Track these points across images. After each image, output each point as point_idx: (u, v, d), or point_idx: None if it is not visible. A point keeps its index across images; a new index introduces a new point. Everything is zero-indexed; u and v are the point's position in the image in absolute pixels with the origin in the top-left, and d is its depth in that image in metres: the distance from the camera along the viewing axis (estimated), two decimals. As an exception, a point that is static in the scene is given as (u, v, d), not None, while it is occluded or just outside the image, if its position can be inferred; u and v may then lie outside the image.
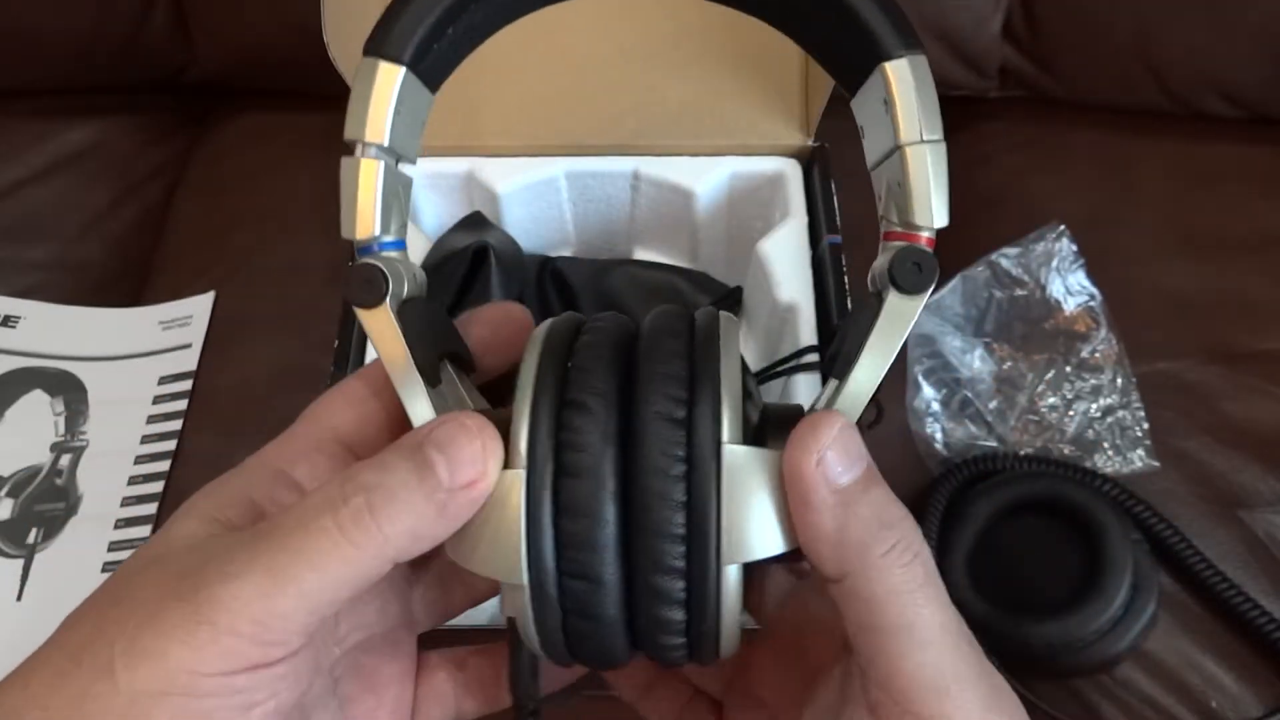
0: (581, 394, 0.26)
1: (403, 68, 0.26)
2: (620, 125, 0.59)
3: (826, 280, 0.55)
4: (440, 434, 0.25)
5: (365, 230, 0.27)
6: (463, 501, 0.25)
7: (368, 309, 0.26)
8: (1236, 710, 0.55)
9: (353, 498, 0.24)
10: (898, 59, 0.26)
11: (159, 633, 0.23)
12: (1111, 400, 0.64)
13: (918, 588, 0.24)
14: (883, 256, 0.27)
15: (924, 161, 0.26)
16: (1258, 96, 0.74)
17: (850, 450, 0.25)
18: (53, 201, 0.79)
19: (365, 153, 0.27)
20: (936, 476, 0.62)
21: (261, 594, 0.23)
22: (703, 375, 0.26)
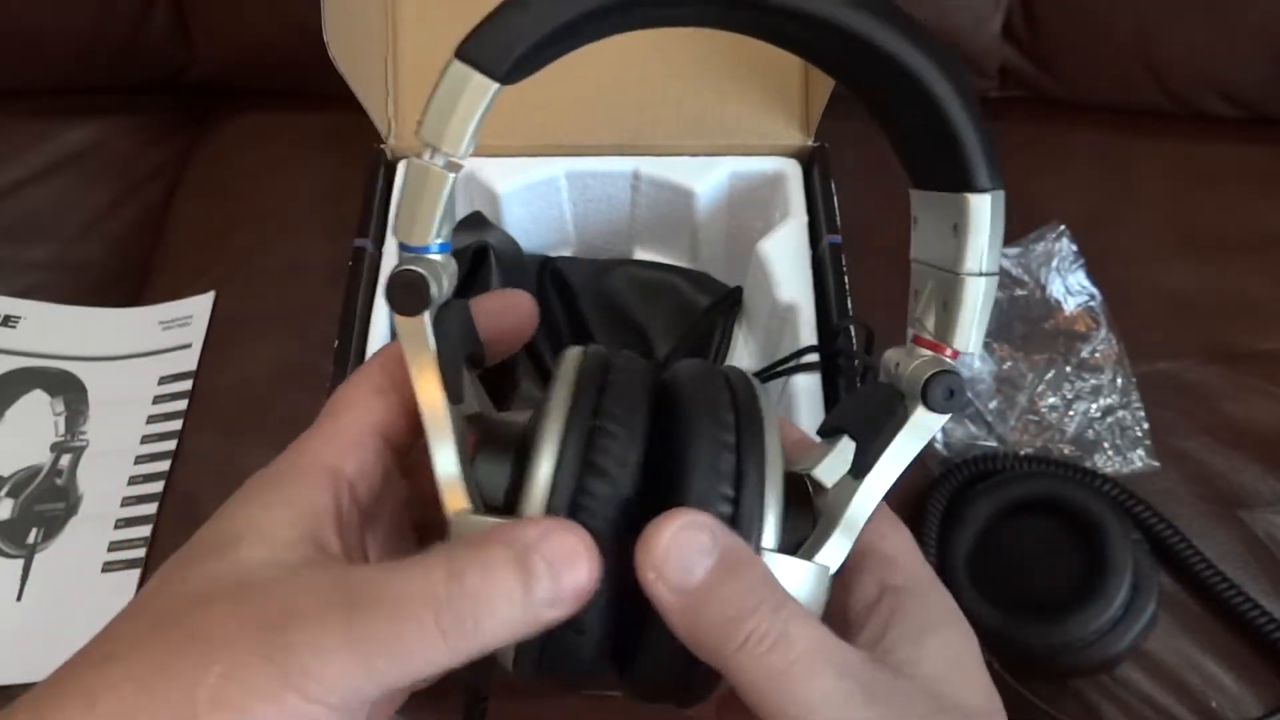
0: (605, 460, 0.26)
1: (496, 84, 0.26)
2: (620, 125, 0.59)
3: (826, 280, 0.55)
4: (551, 550, 0.24)
5: (423, 237, 0.27)
6: (553, 616, 0.25)
7: (407, 316, 0.26)
8: (1236, 710, 0.55)
9: (457, 602, 0.24)
10: (982, 193, 0.27)
11: (246, 689, 0.23)
12: (1111, 400, 0.64)
13: (779, 674, 0.24)
14: (909, 359, 0.28)
15: (979, 294, 0.27)
16: (1258, 96, 0.74)
17: (690, 552, 0.25)
18: (53, 201, 0.79)
19: (436, 160, 0.26)
20: (936, 476, 0.62)
21: (351, 674, 0.23)
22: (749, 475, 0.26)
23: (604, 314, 0.61)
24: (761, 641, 0.24)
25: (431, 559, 0.24)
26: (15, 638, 0.59)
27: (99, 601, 0.60)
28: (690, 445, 0.27)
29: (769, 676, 0.24)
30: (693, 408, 0.28)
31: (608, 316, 0.61)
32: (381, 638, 0.23)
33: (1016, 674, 0.55)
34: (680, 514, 0.25)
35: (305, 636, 0.23)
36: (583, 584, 0.24)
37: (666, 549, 0.25)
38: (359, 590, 0.24)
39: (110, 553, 0.62)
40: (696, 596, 0.25)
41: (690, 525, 0.25)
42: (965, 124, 0.27)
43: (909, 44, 0.26)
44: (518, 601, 0.24)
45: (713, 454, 0.27)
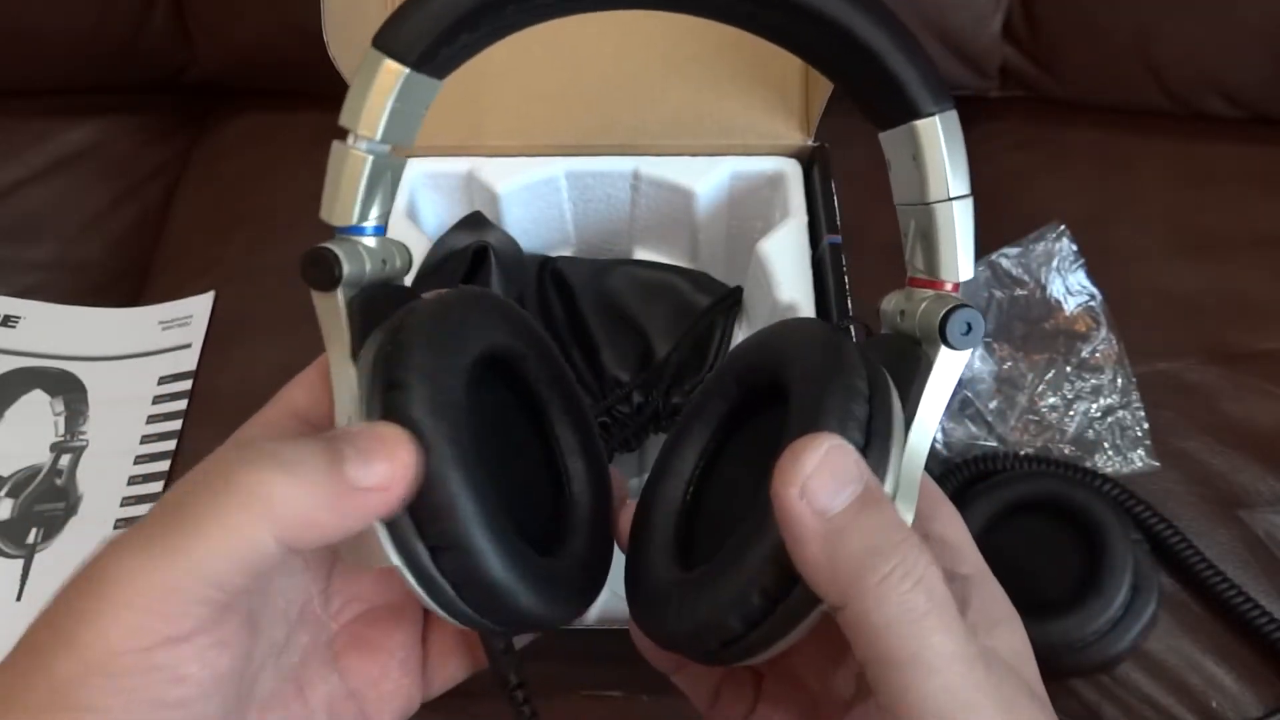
0: (403, 373, 0.26)
1: (407, 69, 0.26)
2: (620, 125, 0.59)
3: (826, 280, 0.55)
4: (362, 438, 0.25)
5: (344, 218, 0.28)
6: (360, 503, 0.24)
7: (320, 291, 0.27)
8: (1236, 710, 0.55)
9: (253, 461, 0.24)
10: (927, 117, 0.27)
11: (72, 616, 0.23)
12: (1111, 400, 0.64)
13: (920, 616, 0.23)
14: (913, 303, 0.28)
15: (951, 218, 0.27)
16: (1258, 96, 0.74)
17: (840, 474, 0.24)
18: (53, 201, 0.79)
19: (356, 144, 0.27)
20: (936, 477, 0.62)
21: (148, 566, 0.23)
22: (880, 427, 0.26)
23: (604, 314, 0.61)
24: (906, 578, 0.23)
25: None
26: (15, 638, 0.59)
27: (99, 601, 0.60)
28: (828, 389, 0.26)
29: (911, 618, 0.23)
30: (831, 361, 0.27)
31: (608, 316, 0.61)
32: (175, 519, 0.23)
33: (1016, 674, 0.55)
34: (829, 436, 0.24)
35: (115, 547, 0.23)
36: (389, 471, 0.24)
37: (819, 466, 0.24)
38: (170, 492, 0.25)
39: (110, 553, 0.62)
40: (840, 520, 0.24)
41: (841, 448, 0.24)
42: (893, 53, 0.26)
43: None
44: (320, 470, 0.24)
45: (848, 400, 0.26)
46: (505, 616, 0.27)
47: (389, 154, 0.28)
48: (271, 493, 0.23)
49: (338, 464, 0.24)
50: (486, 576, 0.26)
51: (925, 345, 0.27)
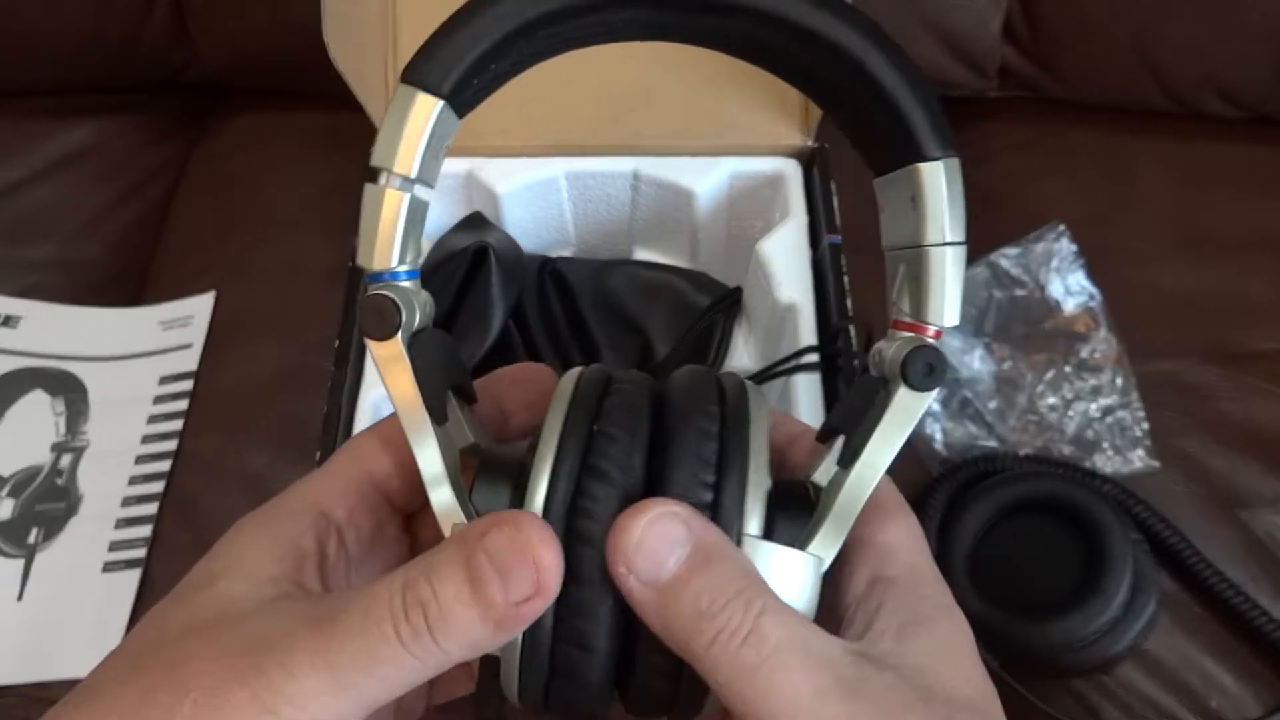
0: (603, 461, 0.26)
1: (441, 101, 0.26)
2: (620, 125, 0.59)
3: (826, 280, 0.55)
4: (493, 545, 0.24)
5: (383, 261, 0.26)
6: (518, 618, 0.24)
7: (380, 341, 0.26)
8: (1236, 710, 0.55)
9: (413, 612, 0.23)
10: (932, 161, 0.26)
11: (221, 715, 0.23)
12: (1111, 400, 0.64)
13: (753, 669, 0.23)
14: (890, 344, 0.28)
15: (944, 264, 0.27)
16: (1258, 96, 0.74)
17: (664, 543, 0.24)
18: (53, 201, 0.79)
19: (390, 183, 0.26)
20: (936, 476, 0.62)
21: (324, 694, 0.23)
22: (731, 462, 0.26)
23: (604, 314, 0.61)
24: (734, 637, 0.24)
25: (394, 572, 0.24)
26: (15, 638, 0.59)
27: (99, 601, 0.60)
28: (674, 435, 0.26)
29: (741, 673, 0.23)
30: (681, 402, 0.27)
31: (608, 316, 0.61)
32: (348, 652, 0.23)
33: (1017, 674, 0.55)
34: (654, 504, 0.25)
35: (276, 658, 0.23)
36: (534, 580, 0.24)
37: (638, 541, 0.24)
38: (327, 610, 0.24)
39: (110, 553, 0.62)
40: (668, 590, 0.24)
41: (663, 515, 0.25)
42: (905, 95, 0.26)
43: (838, 22, 0.26)
44: (470, 605, 0.24)
45: (696, 442, 0.26)
46: (568, 708, 0.27)
47: (425, 192, 0.27)
48: (443, 644, 0.24)
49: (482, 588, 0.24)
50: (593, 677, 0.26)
51: (891, 384, 0.27)
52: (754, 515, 0.26)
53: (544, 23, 0.26)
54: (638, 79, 0.60)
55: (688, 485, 0.26)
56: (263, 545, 0.27)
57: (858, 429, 0.28)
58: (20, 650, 0.59)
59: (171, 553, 0.62)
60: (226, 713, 0.23)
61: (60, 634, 0.59)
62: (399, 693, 0.24)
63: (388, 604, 0.24)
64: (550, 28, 0.27)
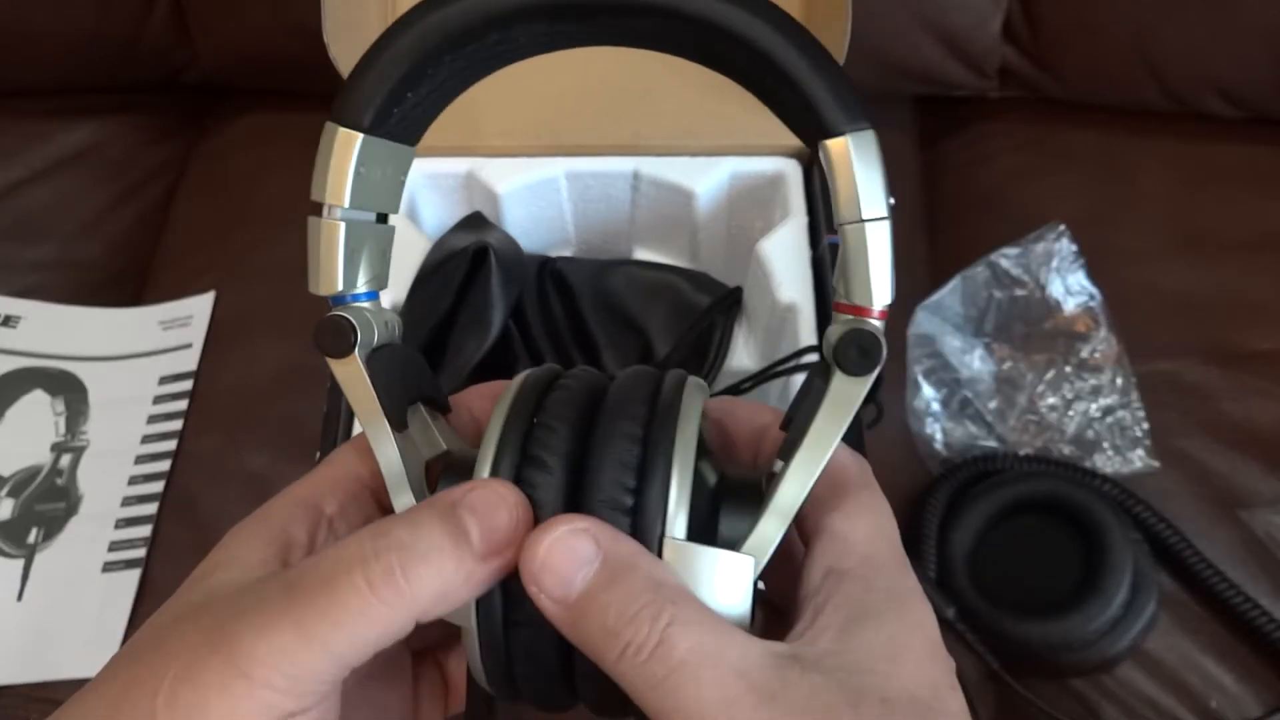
0: (543, 451, 0.26)
1: (360, 135, 0.27)
2: (620, 125, 0.59)
3: (826, 280, 0.55)
4: (476, 499, 0.25)
5: (329, 287, 0.28)
6: (489, 570, 0.25)
7: (336, 359, 0.27)
8: (1236, 710, 0.55)
9: (384, 555, 0.24)
10: (838, 136, 0.26)
11: (197, 685, 0.23)
12: (1111, 400, 0.64)
13: (661, 680, 0.23)
14: (835, 329, 0.27)
15: (862, 242, 0.26)
16: (1258, 96, 0.74)
17: (570, 560, 0.24)
18: (53, 201, 0.79)
19: (330, 214, 0.28)
20: (936, 476, 0.62)
21: (292, 650, 0.23)
22: (654, 465, 0.26)
23: (604, 314, 0.61)
24: (640, 650, 0.24)
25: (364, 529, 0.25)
26: (15, 638, 0.59)
27: (99, 601, 0.60)
28: (598, 440, 0.27)
29: (649, 686, 0.23)
30: (610, 406, 0.28)
31: (608, 316, 0.61)
32: (316, 605, 0.23)
33: (1017, 674, 0.55)
34: (561, 522, 0.25)
35: (247, 622, 0.24)
36: (513, 526, 0.25)
37: (543, 560, 0.24)
38: (299, 571, 0.25)
39: (110, 553, 0.62)
40: (577, 608, 0.24)
41: (570, 533, 0.25)
42: (804, 70, 0.26)
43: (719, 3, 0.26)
44: (447, 551, 0.24)
45: (619, 446, 0.26)
46: (538, 694, 0.28)
47: (371, 221, 0.29)
48: (411, 585, 0.24)
49: (463, 539, 0.24)
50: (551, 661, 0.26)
51: (830, 372, 0.27)
52: (678, 517, 0.26)
53: (445, 49, 0.27)
54: (638, 79, 0.60)
55: (610, 491, 0.26)
56: (254, 538, 0.27)
57: (797, 419, 0.27)
58: (20, 650, 0.59)
59: (171, 553, 0.62)
60: (203, 679, 0.23)
61: (60, 634, 0.59)
62: (369, 648, 0.24)
63: (357, 552, 0.24)
64: (454, 53, 0.28)
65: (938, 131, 0.80)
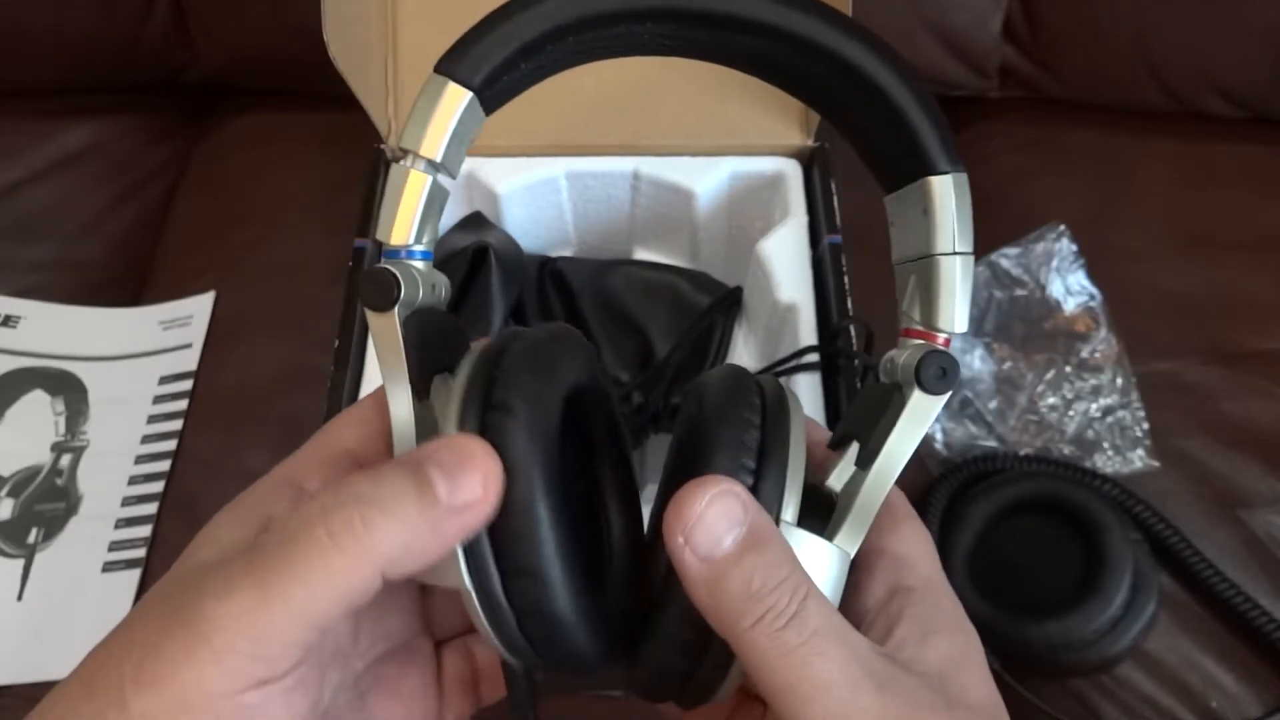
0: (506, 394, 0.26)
1: (470, 94, 0.27)
2: (620, 125, 0.59)
3: (826, 280, 0.55)
4: (444, 454, 0.25)
5: (401, 237, 0.28)
6: (458, 523, 0.25)
7: (377, 312, 0.27)
8: (1236, 710, 0.55)
9: (345, 505, 0.24)
10: (943, 175, 0.28)
11: (162, 657, 0.23)
12: (1111, 400, 0.64)
13: (792, 650, 0.24)
14: (902, 352, 0.29)
15: (955, 272, 0.28)
16: (1258, 96, 0.74)
17: (723, 519, 0.25)
18: (53, 201, 0.79)
19: (416, 165, 0.27)
20: (936, 476, 0.62)
21: (252, 610, 0.23)
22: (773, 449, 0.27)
23: (604, 314, 0.61)
24: (779, 618, 0.24)
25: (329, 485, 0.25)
26: (15, 638, 0.59)
27: (99, 601, 0.60)
28: (717, 424, 0.27)
29: (782, 653, 0.24)
30: (723, 396, 0.29)
31: (608, 316, 0.61)
32: (276, 564, 0.23)
33: (1016, 674, 0.55)
34: (715, 481, 0.25)
35: (211, 590, 0.23)
36: (478, 484, 0.24)
37: (700, 515, 0.25)
38: (264, 536, 0.24)
39: (110, 553, 0.62)
40: (721, 566, 0.25)
41: (725, 493, 0.25)
42: (917, 112, 0.28)
43: (851, 41, 0.28)
44: (411, 501, 0.24)
45: (738, 430, 0.27)
46: (556, 653, 0.27)
47: (448, 180, 0.29)
48: (372, 534, 0.24)
49: (427, 488, 0.24)
50: (553, 608, 0.26)
51: (904, 388, 0.28)
52: (791, 503, 0.27)
53: (574, 29, 0.28)
54: (638, 79, 0.60)
55: (731, 466, 0.27)
56: (235, 520, 0.27)
57: (873, 433, 0.29)
58: (20, 650, 0.59)
59: (171, 553, 0.62)
60: (167, 651, 0.23)
61: (60, 634, 0.59)
62: (334, 604, 0.24)
63: (318, 507, 0.24)
64: (579, 34, 0.28)
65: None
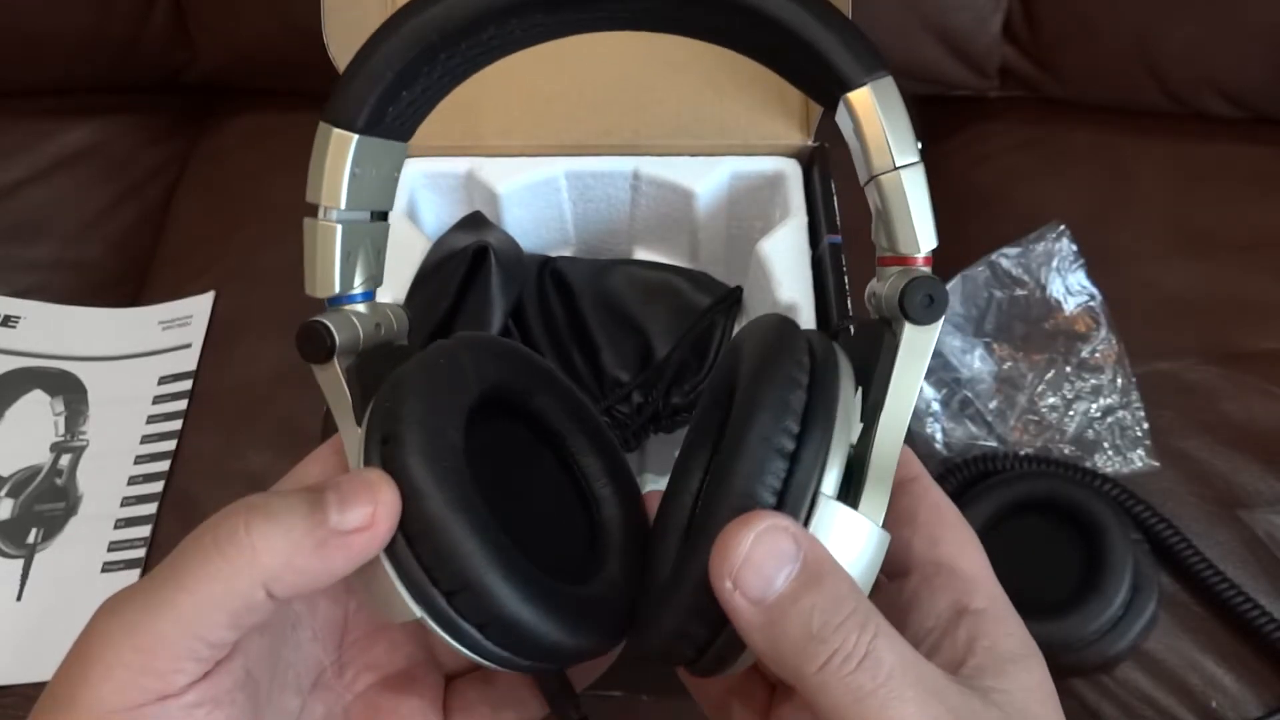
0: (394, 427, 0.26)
1: (355, 136, 0.27)
2: (620, 125, 0.59)
3: (826, 280, 0.55)
4: (344, 483, 0.25)
5: (326, 289, 0.28)
6: (344, 547, 0.24)
7: (317, 364, 0.28)
8: (1236, 710, 0.55)
9: (236, 513, 0.24)
10: (859, 88, 0.26)
11: (66, 679, 0.23)
12: (1111, 400, 0.64)
13: (867, 695, 0.22)
14: (883, 283, 0.27)
15: (899, 189, 0.26)
16: (1258, 96, 0.74)
17: (773, 558, 0.23)
18: (53, 201, 0.79)
19: (326, 215, 0.28)
20: (936, 476, 0.62)
21: (139, 622, 0.23)
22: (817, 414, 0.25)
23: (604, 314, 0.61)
24: (848, 661, 0.23)
25: None
26: (15, 638, 0.59)
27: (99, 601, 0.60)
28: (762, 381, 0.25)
29: (856, 699, 0.22)
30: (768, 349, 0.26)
31: (608, 316, 0.61)
32: (163, 574, 0.24)
33: (1016, 674, 0.55)
34: (759, 516, 0.23)
35: (107, 606, 0.24)
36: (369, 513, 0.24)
37: (748, 555, 0.23)
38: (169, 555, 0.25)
39: (110, 553, 0.62)
40: (777, 609, 0.23)
41: (773, 530, 0.23)
42: (813, 27, 0.25)
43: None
44: (299, 516, 0.24)
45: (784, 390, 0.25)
46: (540, 651, 0.26)
47: (367, 220, 0.29)
48: (254, 541, 0.24)
49: (319, 509, 0.24)
50: (503, 611, 0.25)
51: (894, 325, 0.26)
52: (832, 473, 0.25)
53: (440, 45, 0.27)
54: (638, 79, 0.60)
55: (771, 434, 0.24)
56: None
57: (872, 380, 0.26)
58: (20, 650, 0.59)
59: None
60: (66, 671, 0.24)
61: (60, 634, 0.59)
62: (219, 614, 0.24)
63: (212, 518, 0.24)
64: (449, 50, 0.27)
65: (938, 131, 0.80)
